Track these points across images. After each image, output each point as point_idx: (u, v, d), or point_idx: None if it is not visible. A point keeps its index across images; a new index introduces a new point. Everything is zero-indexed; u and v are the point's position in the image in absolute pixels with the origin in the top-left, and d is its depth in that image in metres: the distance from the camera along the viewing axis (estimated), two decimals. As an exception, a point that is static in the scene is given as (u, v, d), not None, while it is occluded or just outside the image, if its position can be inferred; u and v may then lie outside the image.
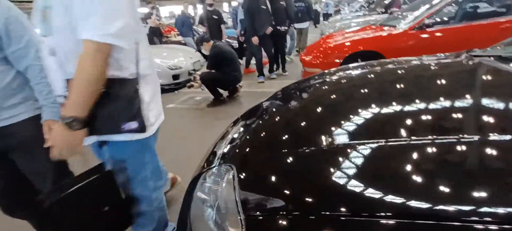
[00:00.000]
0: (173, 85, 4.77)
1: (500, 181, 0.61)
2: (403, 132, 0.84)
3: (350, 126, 0.95)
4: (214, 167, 1.01)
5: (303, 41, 6.70)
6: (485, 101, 0.94)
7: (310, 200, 0.70)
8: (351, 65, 1.95)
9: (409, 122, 0.92)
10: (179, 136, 3.00)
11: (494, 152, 0.70)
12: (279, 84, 4.49)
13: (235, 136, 1.30)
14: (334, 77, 1.62)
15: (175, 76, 4.74)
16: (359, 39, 3.86)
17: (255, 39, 4.38)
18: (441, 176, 0.65)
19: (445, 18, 3.53)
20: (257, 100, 4.39)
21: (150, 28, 6.82)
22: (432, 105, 0.96)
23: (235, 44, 5.95)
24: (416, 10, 4.11)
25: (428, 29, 3.48)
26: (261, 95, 4.17)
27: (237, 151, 1.12)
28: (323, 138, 0.91)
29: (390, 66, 1.60)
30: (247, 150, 1.09)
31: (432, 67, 1.47)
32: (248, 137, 1.23)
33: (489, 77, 1.17)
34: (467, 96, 0.99)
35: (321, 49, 4.06)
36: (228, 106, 3.81)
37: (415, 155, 0.73)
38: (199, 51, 4.14)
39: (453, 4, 3.59)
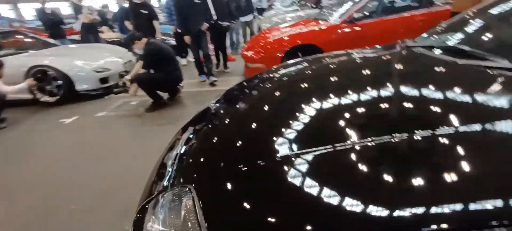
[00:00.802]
0: (102, 90, 4.20)
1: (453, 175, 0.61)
2: (352, 135, 0.81)
3: (296, 133, 0.90)
4: (168, 191, 0.84)
5: (253, 34, 6.60)
6: (426, 92, 0.96)
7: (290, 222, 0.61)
8: (291, 62, 1.95)
9: (357, 122, 0.89)
10: (114, 150, 2.62)
11: (445, 145, 0.70)
12: (223, 82, 4.35)
13: (186, 147, 1.13)
14: (279, 76, 1.60)
15: (103, 80, 4.18)
16: (298, 33, 3.95)
17: (187, 39, 4.02)
18: (393, 175, 0.64)
19: (370, 13, 3.81)
20: (202, 101, 4.19)
21: (82, 25, 5.86)
22: (377, 101, 0.98)
23: (172, 41, 5.56)
24: (341, 6, 4.41)
25: (358, 22, 3.74)
26: (205, 96, 3.99)
27: (192, 166, 0.96)
28: (277, 147, 0.85)
29: (331, 62, 1.62)
30: (204, 164, 0.95)
31: (373, 61, 1.53)
32: (202, 148, 1.08)
33: (427, 67, 1.22)
34: (406, 87, 1.02)
35: (261, 44, 4.04)
36: (170, 110, 3.51)
37: (366, 157, 0.71)
38: (131, 51, 3.70)
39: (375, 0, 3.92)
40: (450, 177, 0.60)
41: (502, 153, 0.65)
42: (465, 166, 0.62)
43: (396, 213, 0.56)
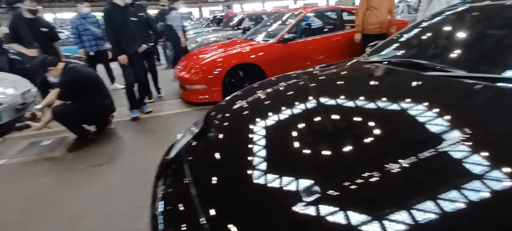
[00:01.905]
0: (-10, 132, 3.17)
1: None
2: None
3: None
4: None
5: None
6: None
7: None
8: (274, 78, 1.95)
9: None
10: (37, 213, 1.98)
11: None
12: (157, 107, 3.93)
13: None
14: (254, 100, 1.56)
15: (-7, 118, 3.16)
16: (238, 53, 3.98)
17: (123, 58, 3.33)
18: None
19: (297, 34, 4.19)
20: (140, 131, 3.74)
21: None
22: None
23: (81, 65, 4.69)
24: (266, 28, 4.74)
25: (290, 42, 4.06)
26: (142, 124, 3.51)
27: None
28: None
29: (301, 80, 1.69)
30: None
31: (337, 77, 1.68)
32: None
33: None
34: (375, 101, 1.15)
35: (201, 64, 3.87)
36: (103, 146, 2.91)
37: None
38: (41, 80, 2.93)
39: (300, 23, 4.36)
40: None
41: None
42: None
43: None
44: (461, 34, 1.66)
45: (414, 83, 1.31)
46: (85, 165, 2.54)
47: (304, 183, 0.79)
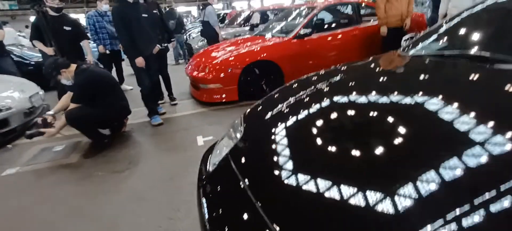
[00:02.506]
0: (1, 137, 3.02)
1: None
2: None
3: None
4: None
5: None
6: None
7: None
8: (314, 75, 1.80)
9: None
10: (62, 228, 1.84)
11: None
12: (171, 109, 3.78)
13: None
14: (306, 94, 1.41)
15: (2, 123, 3.02)
16: (252, 50, 3.82)
17: (140, 62, 3.01)
18: None
19: (313, 29, 4.03)
20: (155, 134, 3.59)
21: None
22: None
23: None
24: (276, 24, 4.61)
25: (306, 38, 3.91)
26: (156, 127, 3.32)
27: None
28: None
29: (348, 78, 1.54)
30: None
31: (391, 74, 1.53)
32: None
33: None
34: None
35: (215, 63, 3.72)
36: (119, 150, 2.76)
37: None
38: (55, 83, 2.77)
39: (315, 17, 4.20)
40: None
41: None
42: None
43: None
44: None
45: (482, 76, 1.16)
46: (105, 171, 2.39)
47: (375, 193, 0.69)
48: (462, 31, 1.77)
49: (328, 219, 0.71)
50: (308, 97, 1.38)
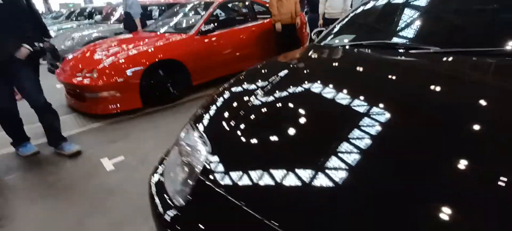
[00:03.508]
0: None
1: None
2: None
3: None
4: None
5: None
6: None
7: None
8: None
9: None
10: None
11: None
12: (64, 131, 2.78)
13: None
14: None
15: None
16: (154, 48, 3.33)
17: None
18: None
19: (215, 25, 3.90)
20: (42, 168, 2.70)
21: None
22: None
23: None
24: (169, 20, 4.27)
25: (208, 35, 3.74)
26: (35, 162, 2.31)
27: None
28: None
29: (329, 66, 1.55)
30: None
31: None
32: None
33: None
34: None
35: (105, 65, 3.02)
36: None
37: None
38: None
39: (213, 14, 4.08)
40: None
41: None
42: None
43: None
44: (425, 9, 1.79)
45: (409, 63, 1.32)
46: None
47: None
48: (377, 21, 1.95)
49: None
50: (268, 96, 1.23)
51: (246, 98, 1.23)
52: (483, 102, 0.91)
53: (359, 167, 0.74)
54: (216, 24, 3.86)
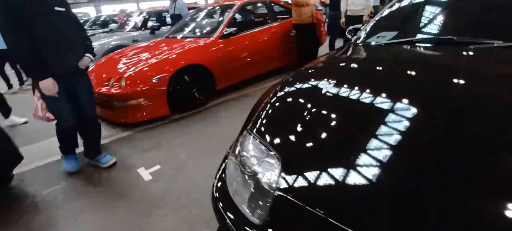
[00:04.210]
0: None
1: None
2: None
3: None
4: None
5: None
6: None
7: None
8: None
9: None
10: None
11: None
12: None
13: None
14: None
15: None
16: (180, 54, 3.29)
17: (48, 86, 1.83)
18: None
19: (237, 28, 3.83)
20: (77, 179, 2.48)
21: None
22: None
23: None
24: (190, 25, 4.23)
25: (231, 38, 3.68)
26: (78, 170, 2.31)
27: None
28: None
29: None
30: None
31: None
32: None
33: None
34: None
35: (131, 74, 2.98)
36: (14, 222, 1.81)
37: None
38: None
39: (235, 18, 4.03)
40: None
41: None
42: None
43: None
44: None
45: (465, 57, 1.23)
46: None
47: None
48: (416, 17, 1.85)
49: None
50: (327, 100, 1.13)
51: (303, 102, 1.15)
52: None
53: (439, 170, 0.70)
54: (237, 27, 3.80)
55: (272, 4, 4.51)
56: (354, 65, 1.51)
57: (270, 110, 1.21)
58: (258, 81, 4.16)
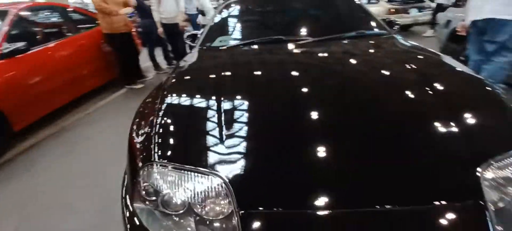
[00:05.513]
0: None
1: None
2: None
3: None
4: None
5: None
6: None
7: None
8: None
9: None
10: None
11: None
12: None
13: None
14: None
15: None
16: None
17: None
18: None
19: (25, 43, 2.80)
20: None
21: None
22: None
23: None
24: None
25: (18, 55, 2.67)
26: None
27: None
28: None
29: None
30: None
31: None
32: None
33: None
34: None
35: None
36: None
37: None
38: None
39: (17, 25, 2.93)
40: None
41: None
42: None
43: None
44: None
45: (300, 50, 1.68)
46: None
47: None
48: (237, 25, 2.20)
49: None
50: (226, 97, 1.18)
51: (196, 105, 1.19)
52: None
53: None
54: (27, 40, 2.77)
55: (69, 12, 3.64)
56: (225, 62, 1.63)
57: (171, 133, 1.04)
58: (83, 103, 3.34)
